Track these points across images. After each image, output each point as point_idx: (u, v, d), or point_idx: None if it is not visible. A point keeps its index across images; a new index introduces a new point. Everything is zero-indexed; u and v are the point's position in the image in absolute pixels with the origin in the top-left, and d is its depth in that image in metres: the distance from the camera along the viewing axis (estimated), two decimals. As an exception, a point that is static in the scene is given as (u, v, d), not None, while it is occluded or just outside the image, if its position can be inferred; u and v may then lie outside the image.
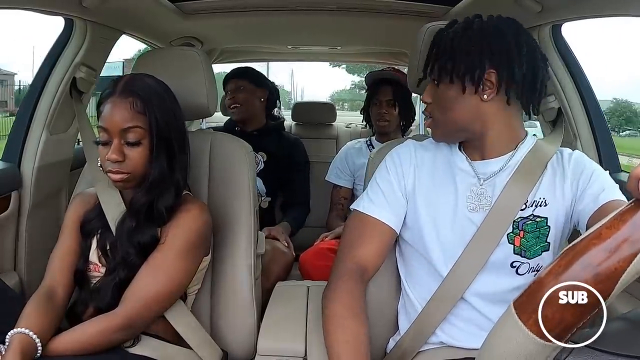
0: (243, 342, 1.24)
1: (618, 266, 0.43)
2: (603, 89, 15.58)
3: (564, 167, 0.97)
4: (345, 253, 0.99)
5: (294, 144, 2.23)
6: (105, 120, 1.02)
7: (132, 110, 1.02)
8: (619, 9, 1.18)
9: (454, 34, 0.96)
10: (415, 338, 1.00)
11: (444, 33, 0.98)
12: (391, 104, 2.08)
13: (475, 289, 0.96)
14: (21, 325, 0.94)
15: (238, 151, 1.30)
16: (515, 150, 0.99)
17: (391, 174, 1.04)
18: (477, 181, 0.99)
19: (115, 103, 1.02)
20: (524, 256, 0.96)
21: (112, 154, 1.01)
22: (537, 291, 0.46)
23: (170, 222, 1.06)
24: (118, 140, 1.01)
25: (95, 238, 1.09)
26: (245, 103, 2.12)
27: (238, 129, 2.14)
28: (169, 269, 1.03)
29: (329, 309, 0.92)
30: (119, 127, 1.01)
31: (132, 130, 1.01)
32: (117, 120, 1.01)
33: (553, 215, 0.96)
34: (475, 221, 0.97)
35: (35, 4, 1.30)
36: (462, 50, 0.94)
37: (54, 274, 1.07)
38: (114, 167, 1.02)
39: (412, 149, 1.07)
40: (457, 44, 0.95)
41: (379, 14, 1.91)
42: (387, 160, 1.07)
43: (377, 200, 1.02)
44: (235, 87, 2.14)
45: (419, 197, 1.01)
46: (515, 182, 0.96)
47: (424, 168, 1.03)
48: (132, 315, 0.99)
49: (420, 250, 1.02)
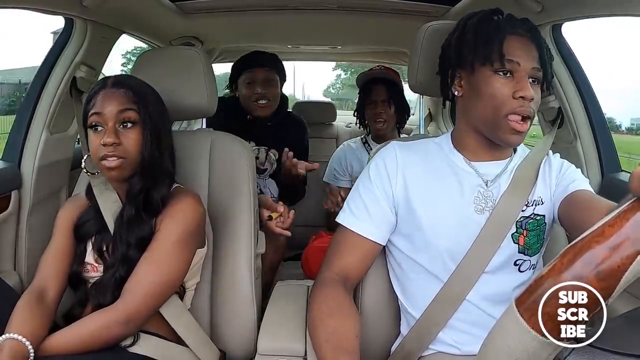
0: (243, 341, 1.24)
1: (621, 264, 0.43)
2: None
3: (551, 167, 1.01)
4: (328, 264, 1.00)
5: (298, 127, 2.12)
6: (99, 105, 1.04)
7: (126, 96, 1.05)
8: (619, 9, 1.18)
9: (544, 40, 0.97)
10: (418, 341, 1.00)
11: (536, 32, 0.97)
12: (386, 104, 2.05)
13: (478, 290, 0.96)
14: (11, 330, 0.93)
15: (238, 151, 1.30)
16: (513, 153, 1.02)
17: (375, 185, 1.01)
18: (483, 183, 0.99)
19: (108, 93, 1.05)
20: (527, 254, 0.98)
21: (108, 138, 1.01)
22: (538, 289, 0.46)
23: (165, 214, 1.06)
24: (113, 123, 1.03)
25: (90, 241, 1.09)
26: (274, 98, 1.97)
27: (250, 118, 1.96)
28: (165, 260, 1.03)
29: (311, 312, 0.93)
30: (115, 109, 1.03)
31: (127, 112, 1.04)
32: (113, 103, 1.03)
33: (549, 212, 0.99)
34: (480, 223, 0.96)
35: (35, 3, 1.30)
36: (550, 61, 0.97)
37: (44, 275, 1.07)
38: (109, 151, 1.02)
39: (396, 152, 1.03)
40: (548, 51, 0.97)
41: (379, 13, 1.91)
42: (371, 168, 1.03)
43: (359, 213, 1.00)
44: (266, 79, 1.94)
45: (414, 201, 0.99)
46: (517, 184, 0.97)
47: (414, 170, 1.01)
48: (131, 308, 0.99)
49: (416, 258, 1.00)
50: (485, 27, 0.95)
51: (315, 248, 1.82)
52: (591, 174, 1.42)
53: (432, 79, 1.16)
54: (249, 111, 1.97)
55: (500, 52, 0.92)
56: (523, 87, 0.91)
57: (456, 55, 0.98)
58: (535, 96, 0.93)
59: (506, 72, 0.93)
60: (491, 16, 0.97)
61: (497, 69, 0.93)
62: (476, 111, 0.96)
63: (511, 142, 0.95)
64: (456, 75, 1.00)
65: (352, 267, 0.99)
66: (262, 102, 1.93)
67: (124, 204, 1.08)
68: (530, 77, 0.93)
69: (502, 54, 0.92)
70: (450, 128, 2.85)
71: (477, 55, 0.94)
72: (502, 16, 0.97)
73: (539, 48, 0.94)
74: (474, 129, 0.99)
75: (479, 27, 0.95)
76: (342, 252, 1.00)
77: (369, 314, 1.09)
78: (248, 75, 1.96)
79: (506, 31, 0.93)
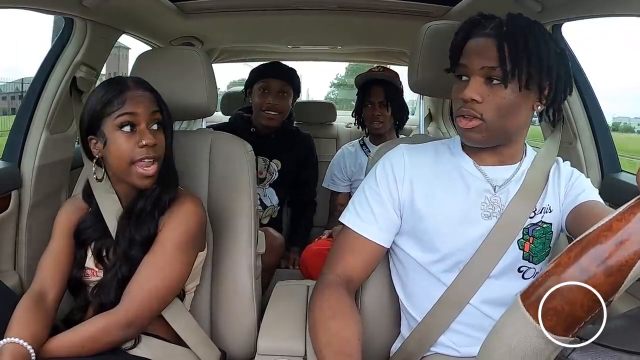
0: (243, 341, 1.24)
1: (629, 259, 0.42)
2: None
3: (560, 175, 1.00)
4: (330, 266, 0.99)
5: (306, 143, 2.17)
6: (131, 105, 1.01)
7: (152, 98, 1.06)
8: (619, 9, 1.18)
9: (525, 36, 0.89)
10: (419, 343, 0.99)
11: (510, 30, 0.90)
12: (384, 105, 2.05)
13: (481, 295, 0.96)
14: (11, 334, 0.92)
15: (238, 151, 1.30)
16: (523, 158, 1.01)
17: (381, 187, 0.99)
18: (492, 188, 0.98)
19: (136, 94, 1.04)
20: (531, 261, 0.97)
21: (149, 139, 1.00)
22: (543, 284, 0.45)
23: (167, 216, 1.06)
24: (146, 124, 1.02)
25: (90, 247, 1.09)
26: (285, 111, 1.99)
27: (254, 130, 2.01)
28: (167, 264, 1.02)
29: (312, 314, 0.92)
30: (148, 109, 1.03)
31: (156, 113, 1.05)
32: (145, 103, 1.03)
33: (556, 221, 0.98)
34: (486, 228, 0.96)
35: (35, 3, 1.30)
36: (540, 56, 0.89)
37: (43, 278, 1.06)
38: (148, 154, 1.01)
39: (404, 154, 1.01)
40: (533, 46, 0.89)
41: (379, 13, 1.91)
42: (378, 169, 1.02)
43: (364, 215, 0.99)
44: (280, 90, 1.97)
45: (420, 204, 0.98)
46: (526, 190, 0.97)
47: (422, 173, 0.99)
48: (132, 311, 0.98)
49: (420, 260, 0.99)
50: (459, 34, 0.96)
51: (313, 251, 1.82)
52: (591, 174, 1.42)
53: (432, 79, 1.16)
54: (257, 119, 2.01)
55: (457, 58, 0.94)
56: (465, 88, 0.90)
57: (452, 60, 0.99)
58: (489, 97, 0.89)
59: (461, 77, 0.94)
60: (474, 21, 0.95)
61: (457, 75, 0.95)
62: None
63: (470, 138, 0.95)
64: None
65: (355, 269, 0.98)
66: (272, 114, 1.97)
67: (133, 201, 1.07)
68: (485, 77, 0.90)
69: (456, 61, 0.94)
70: (450, 128, 2.86)
71: (451, 64, 0.97)
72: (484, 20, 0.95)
73: (501, 46, 0.88)
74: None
75: (457, 34, 0.96)
76: (345, 254, 0.99)
77: (370, 314, 1.09)
78: (263, 84, 1.99)
79: (470, 37, 0.93)
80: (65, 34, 1.53)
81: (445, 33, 1.04)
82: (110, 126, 1.02)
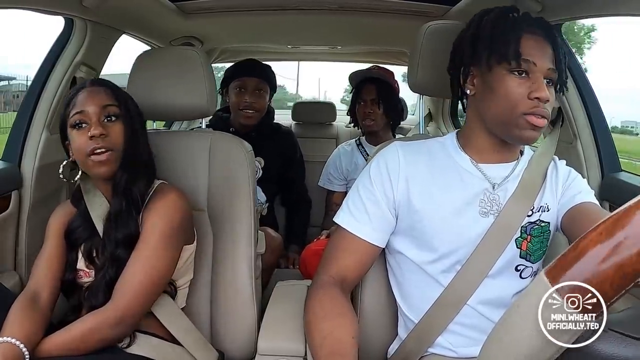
0: (243, 341, 1.24)
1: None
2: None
3: (557, 174, 1.00)
4: (324, 266, 0.98)
5: (289, 140, 2.17)
6: (83, 103, 1.06)
7: (107, 93, 1.08)
8: (619, 9, 1.18)
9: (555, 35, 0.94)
10: (417, 344, 0.99)
11: (550, 32, 0.93)
12: (375, 102, 2.05)
13: (478, 295, 0.95)
14: (6, 334, 0.92)
15: (238, 151, 1.30)
16: (521, 156, 1.01)
17: (375, 186, 0.98)
18: (490, 186, 0.97)
19: (89, 91, 1.07)
20: (528, 260, 0.97)
21: (95, 130, 1.03)
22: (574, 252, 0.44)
23: (149, 211, 1.06)
24: (97, 118, 1.05)
25: (80, 249, 1.09)
26: (262, 109, 2.00)
27: (233, 130, 1.99)
28: (151, 257, 1.02)
29: (306, 316, 0.92)
30: (98, 104, 1.06)
31: (110, 107, 1.07)
32: (96, 99, 1.06)
33: (554, 220, 0.98)
34: (484, 226, 0.95)
35: (35, 3, 1.30)
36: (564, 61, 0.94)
37: (38, 278, 1.07)
38: (98, 144, 1.03)
39: (398, 153, 0.99)
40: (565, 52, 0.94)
41: (379, 13, 1.91)
42: (372, 168, 1.00)
43: (358, 215, 0.98)
44: (256, 89, 1.98)
45: (416, 203, 0.96)
46: (524, 188, 0.96)
47: (417, 171, 0.98)
48: (122, 308, 0.98)
49: (416, 260, 0.98)
50: (502, 24, 0.92)
51: (313, 250, 1.82)
52: (591, 174, 1.42)
53: (432, 79, 1.16)
54: (235, 118, 2.03)
55: (517, 51, 0.89)
56: (539, 87, 0.89)
57: (470, 52, 0.95)
58: (550, 98, 0.90)
59: (522, 72, 0.90)
60: (507, 14, 0.94)
61: (513, 69, 0.90)
62: (489, 110, 0.94)
63: (527, 138, 0.92)
64: (469, 73, 0.97)
65: (349, 269, 0.97)
66: (249, 112, 1.98)
67: (111, 202, 1.09)
68: (545, 78, 0.91)
69: (518, 53, 0.89)
70: (450, 128, 2.87)
71: (493, 53, 0.91)
72: (517, 14, 0.95)
73: (554, 48, 0.92)
74: (486, 129, 0.97)
75: (496, 24, 0.92)
76: (339, 254, 0.98)
77: (368, 315, 1.09)
78: (239, 82, 2.00)
79: (522, 29, 0.91)
80: (65, 34, 1.53)
81: (445, 33, 1.04)
82: (69, 127, 1.07)
